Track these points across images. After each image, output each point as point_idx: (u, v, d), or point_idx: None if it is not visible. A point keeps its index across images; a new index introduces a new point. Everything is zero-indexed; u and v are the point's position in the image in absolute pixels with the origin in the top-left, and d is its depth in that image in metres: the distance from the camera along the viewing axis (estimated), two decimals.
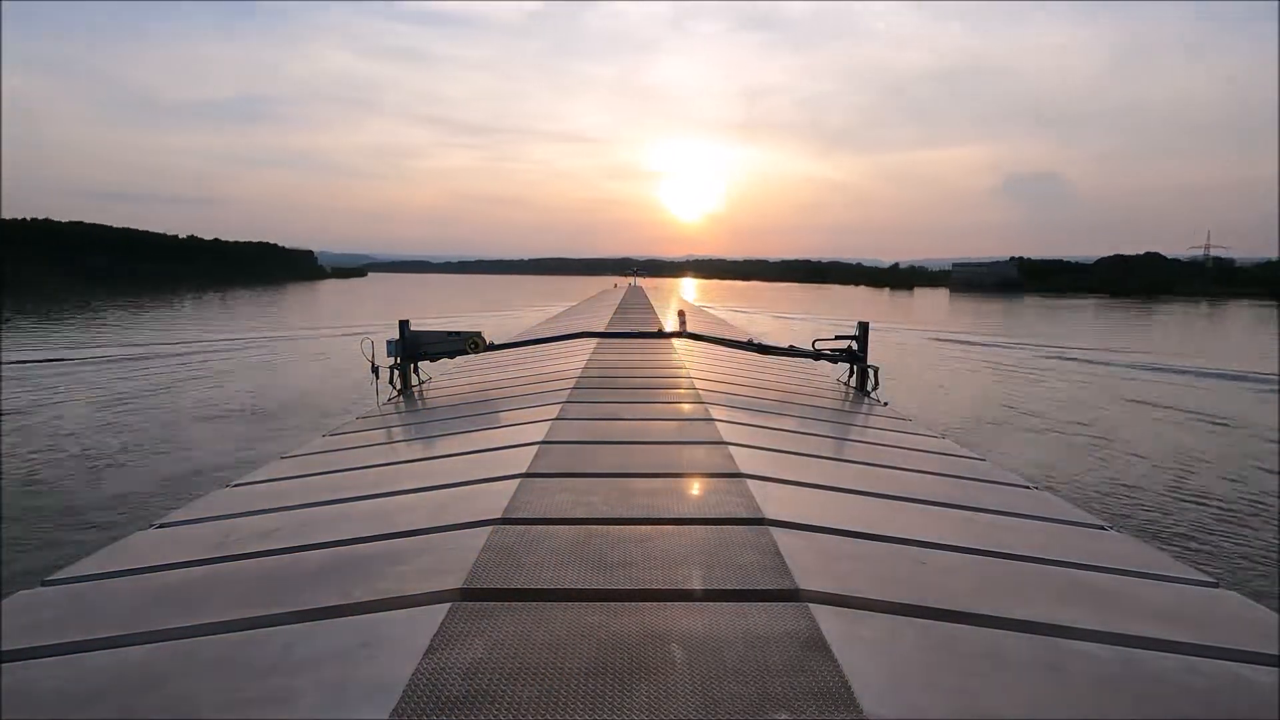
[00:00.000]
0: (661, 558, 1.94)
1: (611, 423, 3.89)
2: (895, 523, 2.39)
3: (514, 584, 1.76)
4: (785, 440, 3.68)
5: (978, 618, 1.68)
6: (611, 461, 3.01)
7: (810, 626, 1.55)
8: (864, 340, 6.51)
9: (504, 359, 7.35)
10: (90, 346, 20.93)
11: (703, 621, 1.57)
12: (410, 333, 6.12)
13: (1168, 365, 20.03)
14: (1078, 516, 2.71)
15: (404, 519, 2.34)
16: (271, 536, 2.28)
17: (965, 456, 3.73)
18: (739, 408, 4.54)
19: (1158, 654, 1.57)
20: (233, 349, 20.75)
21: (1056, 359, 21.41)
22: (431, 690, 1.30)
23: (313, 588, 1.82)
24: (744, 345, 7.01)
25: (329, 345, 21.84)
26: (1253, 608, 1.90)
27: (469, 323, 14.11)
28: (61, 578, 2.04)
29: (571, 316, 19.11)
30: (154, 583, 1.97)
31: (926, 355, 22.57)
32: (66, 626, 1.69)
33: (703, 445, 3.32)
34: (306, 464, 3.42)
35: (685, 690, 1.31)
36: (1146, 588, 2.00)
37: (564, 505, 2.40)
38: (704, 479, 2.73)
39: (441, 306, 47.81)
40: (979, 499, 2.83)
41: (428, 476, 2.95)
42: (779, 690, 1.31)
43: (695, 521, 2.25)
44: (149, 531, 2.49)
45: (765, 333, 17.93)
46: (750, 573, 1.84)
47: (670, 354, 7.19)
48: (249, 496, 2.90)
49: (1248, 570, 6.20)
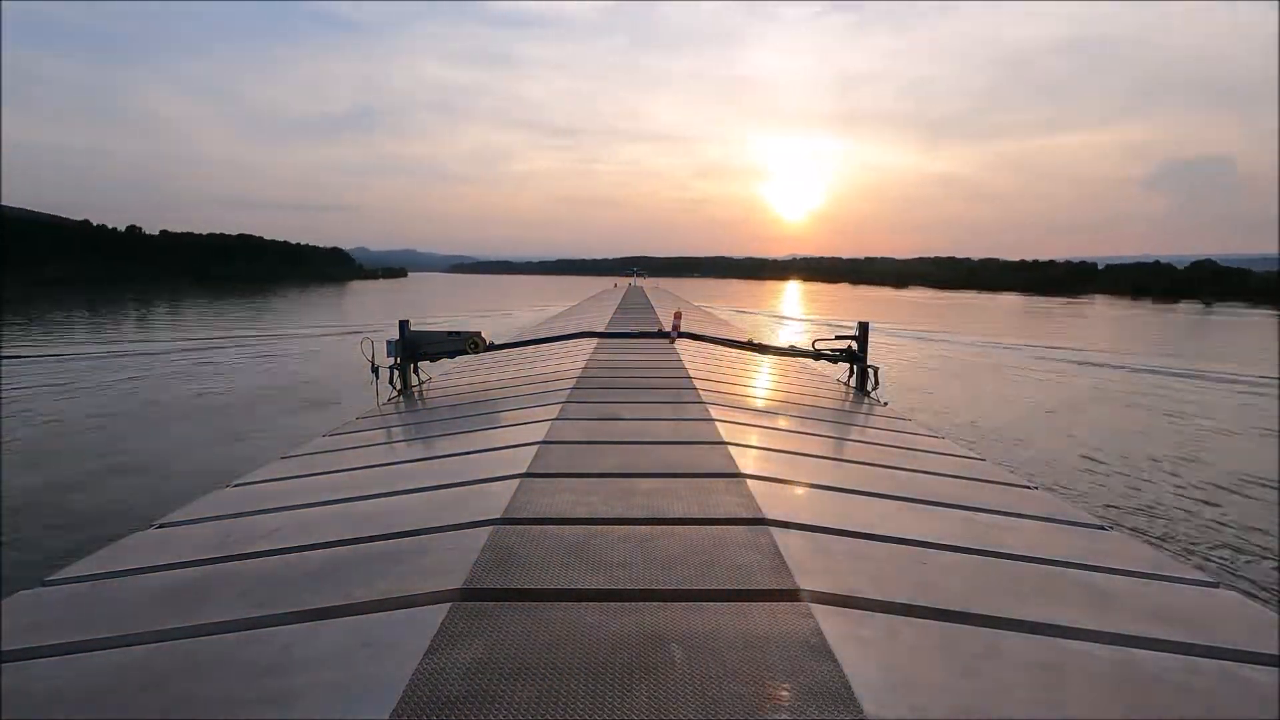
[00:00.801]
0: (662, 558, 1.94)
1: (611, 423, 3.89)
2: (895, 523, 2.39)
3: (514, 584, 1.77)
4: (785, 440, 3.68)
5: (978, 618, 1.68)
6: (612, 461, 3.01)
7: (810, 626, 1.55)
8: (864, 340, 6.51)
9: (504, 359, 7.35)
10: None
11: (703, 621, 1.57)
12: (410, 333, 6.12)
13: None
14: (1078, 516, 2.71)
15: (404, 519, 2.34)
16: (271, 536, 2.28)
17: (965, 456, 3.73)
18: (739, 408, 4.54)
19: (1158, 654, 1.57)
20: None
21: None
22: (432, 690, 1.30)
23: (313, 588, 1.82)
24: (744, 345, 7.01)
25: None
26: (1253, 608, 1.90)
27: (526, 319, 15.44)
28: (61, 578, 2.04)
29: (571, 316, 19.10)
30: (154, 583, 1.97)
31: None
32: (66, 626, 1.69)
33: (703, 445, 3.32)
34: (306, 464, 3.42)
35: (685, 690, 1.31)
36: (1146, 588, 2.00)
37: (564, 505, 2.40)
38: (704, 479, 2.73)
39: (483, 304, 49.43)
40: (979, 499, 2.83)
41: (428, 476, 2.95)
42: (779, 690, 1.31)
43: (695, 521, 2.25)
44: (149, 531, 2.49)
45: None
46: (750, 573, 1.84)
47: (670, 354, 7.19)
48: (249, 496, 2.90)
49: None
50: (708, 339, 7.37)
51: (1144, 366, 19.43)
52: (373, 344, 5.92)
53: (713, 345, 7.37)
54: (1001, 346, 24.16)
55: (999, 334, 29.55)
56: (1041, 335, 29.79)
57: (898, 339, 25.19)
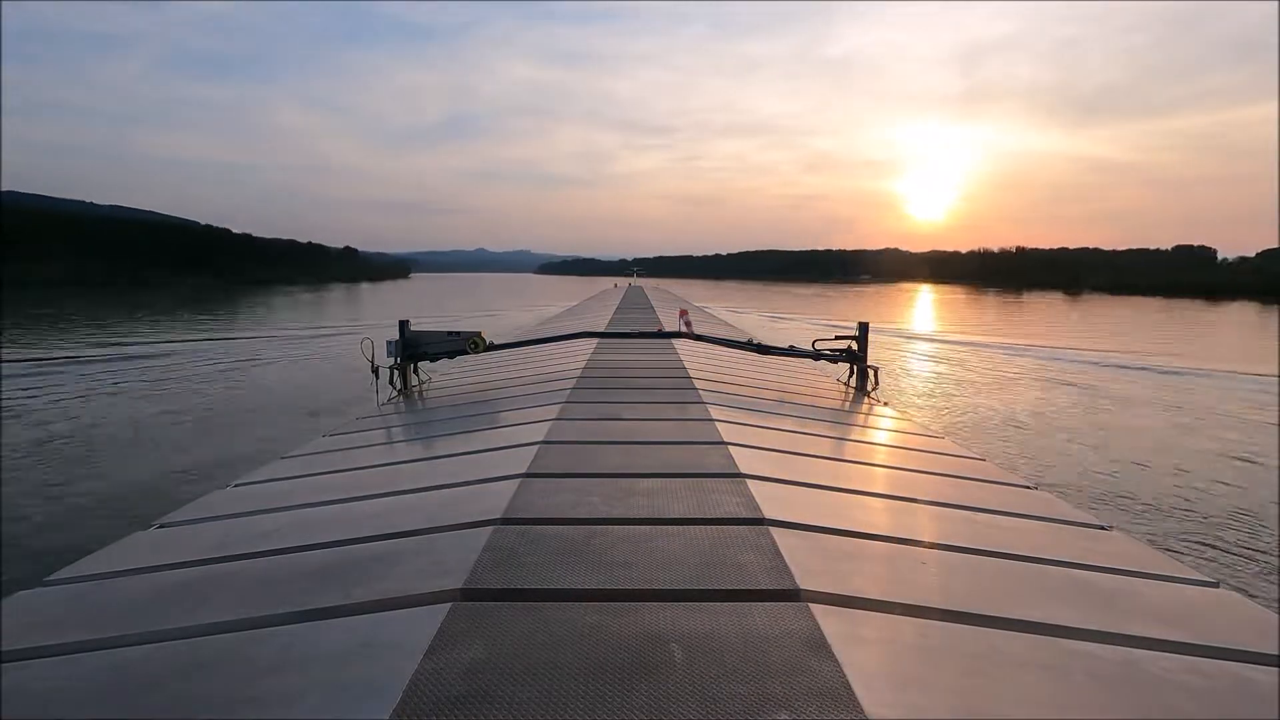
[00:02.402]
0: (662, 558, 1.94)
1: (612, 423, 3.89)
2: (895, 523, 2.39)
3: (515, 584, 1.76)
4: (785, 440, 3.68)
5: (978, 618, 1.68)
6: (612, 461, 3.01)
7: (810, 626, 1.55)
8: (864, 340, 6.51)
9: (504, 359, 7.35)
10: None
11: (703, 622, 1.57)
12: (410, 333, 6.11)
13: None
14: (1078, 516, 2.71)
15: (404, 519, 2.34)
16: (271, 536, 2.28)
17: (965, 456, 3.73)
18: (739, 408, 4.54)
19: (1158, 654, 1.57)
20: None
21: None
22: (432, 690, 1.30)
23: (313, 588, 1.82)
24: (744, 345, 7.01)
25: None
26: (1253, 608, 1.90)
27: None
28: (61, 578, 2.04)
29: (571, 316, 19.10)
30: (154, 583, 1.97)
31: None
32: (66, 626, 1.69)
33: (703, 445, 3.32)
34: (306, 464, 3.42)
35: (685, 690, 1.31)
36: (1146, 588, 2.00)
37: (564, 505, 2.40)
38: (704, 479, 2.73)
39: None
40: (979, 499, 2.83)
41: (428, 477, 2.95)
42: (779, 690, 1.31)
43: (695, 521, 2.25)
44: (149, 531, 2.49)
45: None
46: (750, 573, 1.84)
47: (670, 354, 7.19)
48: (249, 496, 2.90)
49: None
50: (708, 339, 7.37)
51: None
52: (372, 344, 5.91)
53: (713, 345, 7.37)
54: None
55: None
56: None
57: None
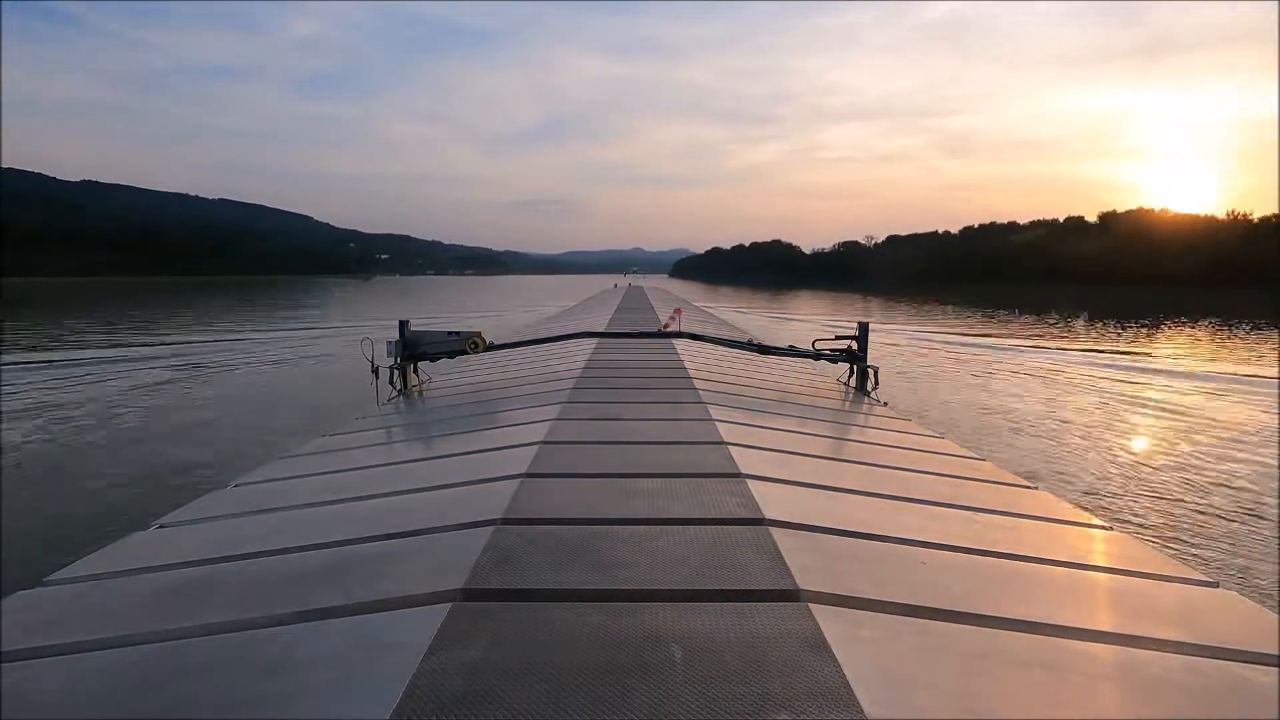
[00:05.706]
0: (662, 558, 1.94)
1: (612, 423, 3.89)
2: (895, 523, 2.39)
3: (515, 584, 1.77)
4: (785, 440, 3.68)
5: (978, 618, 1.68)
6: (612, 461, 3.01)
7: (810, 626, 1.55)
8: (864, 340, 6.50)
9: (504, 359, 7.35)
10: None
11: (703, 622, 1.57)
12: (410, 333, 6.11)
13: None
14: (1078, 517, 2.71)
15: (404, 519, 2.34)
16: (271, 536, 2.28)
17: (965, 456, 3.73)
18: (739, 408, 4.54)
19: (1158, 654, 1.57)
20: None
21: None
22: (432, 690, 1.30)
23: (313, 588, 1.82)
24: (744, 345, 7.01)
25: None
26: (1253, 607, 1.90)
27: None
28: (61, 578, 2.04)
29: (571, 316, 19.10)
30: (154, 583, 1.97)
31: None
32: (66, 626, 1.69)
33: (703, 445, 3.32)
34: (306, 464, 3.43)
35: (685, 691, 1.31)
36: (1146, 588, 2.00)
37: (565, 505, 2.40)
38: (704, 479, 2.73)
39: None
40: (979, 499, 2.83)
41: (428, 477, 2.95)
42: (779, 690, 1.31)
43: (695, 522, 2.25)
44: (149, 531, 2.49)
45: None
46: (750, 573, 1.84)
47: (670, 354, 7.19)
48: (249, 496, 2.90)
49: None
50: (708, 339, 7.36)
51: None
52: (372, 344, 5.91)
53: (713, 345, 7.37)
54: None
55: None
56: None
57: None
